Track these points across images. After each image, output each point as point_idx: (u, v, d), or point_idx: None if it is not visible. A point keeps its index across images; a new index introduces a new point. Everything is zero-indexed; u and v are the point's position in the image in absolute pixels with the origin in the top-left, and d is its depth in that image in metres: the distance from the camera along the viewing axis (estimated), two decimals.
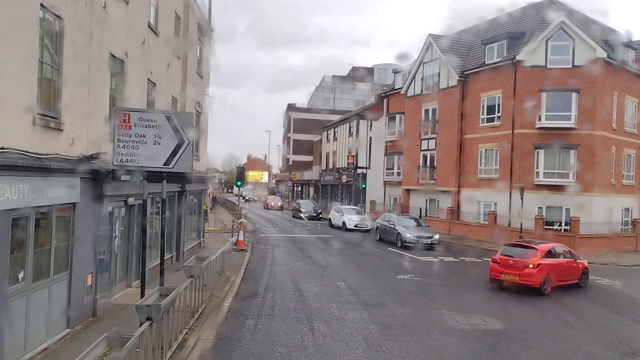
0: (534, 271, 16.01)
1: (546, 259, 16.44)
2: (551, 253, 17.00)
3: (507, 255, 16.96)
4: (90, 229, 11.09)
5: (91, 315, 11.37)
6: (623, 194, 30.36)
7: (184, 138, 9.83)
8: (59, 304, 10.00)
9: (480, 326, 12.29)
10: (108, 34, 11.65)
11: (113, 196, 11.81)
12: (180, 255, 19.32)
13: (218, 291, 14.52)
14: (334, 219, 36.44)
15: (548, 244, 17.64)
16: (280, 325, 11.84)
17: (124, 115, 9.48)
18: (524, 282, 16.20)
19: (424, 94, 37.04)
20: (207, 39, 23.39)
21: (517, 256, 16.63)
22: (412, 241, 25.78)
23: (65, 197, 9.80)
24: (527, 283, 16.18)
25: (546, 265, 16.29)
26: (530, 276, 16.03)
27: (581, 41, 28.09)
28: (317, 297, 14.73)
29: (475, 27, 38.63)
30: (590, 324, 13.23)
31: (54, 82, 9.50)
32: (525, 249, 16.96)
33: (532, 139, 28.60)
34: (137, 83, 13.93)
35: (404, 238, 26.14)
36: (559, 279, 16.80)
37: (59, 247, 10.00)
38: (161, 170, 9.76)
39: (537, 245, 17.08)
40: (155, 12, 15.52)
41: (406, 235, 26.14)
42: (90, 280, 11.17)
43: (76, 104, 10.24)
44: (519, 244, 18.09)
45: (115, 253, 12.93)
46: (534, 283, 16.07)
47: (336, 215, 36.21)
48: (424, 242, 25.93)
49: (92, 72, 10.84)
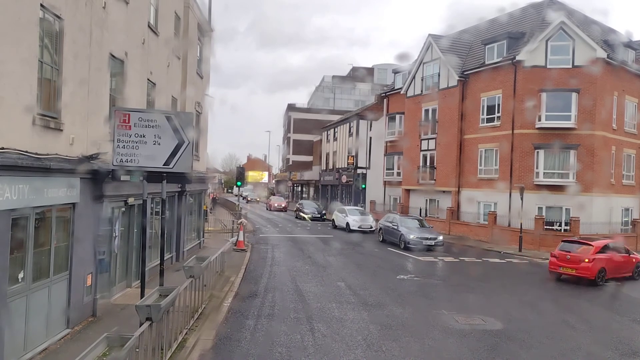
0: (590, 265, 17.80)
1: (601, 254, 18.19)
2: (606, 248, 18.64)
3: (565, 250, 18.77)
4: (90, 229, 11.09)
5: (91, 315, 11.37)
6: (623, 194, 30.37)
7: (184, 138, 9.83)
8: (58, 304, 10.00)
9: (480, 326, 12.29)
10: (108, 34, 11.65)
11: (113, 196, 11.81)
12: (180, 255, 19.33)
13: (218, 291, 14.53)
14: (337, 220, 35.91)
15: (603, 241, 19.59)
16: (280, 325, 11.84)
17: (123, 115, 9.48)
18: (580, 275, 17.99)
19: (424, 94, 37.05)
20: (207, 39, 23.39)
21: (574, 251, 18.42)
22: (415, 243, 25.39)
23: (65, 197, 9.79)
24: (583, 275, 17.96)
25: (601, 259, 18.09)
26: (586, 269, 17.84)
27: (581, 41, 28.10)
28: (317, 297, 14.73)
29: (475, 27, 38.66)
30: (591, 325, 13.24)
31: (54, 82, 9.50)
32: (581, 245, 18.72)
33: (532, 139, 28.61)
34: (137, 83, 13.93)
35: (407, 239, 25.76)
36: (614, 272, 18.50)
37: (59, 247, 10.00)
38: (161, 170, 9.76)
39: (593, 242, 18.91)
40: (155, 12, 15.52)
41: (409, 237, 25.76)
42: (90, 281, 11.17)
43: (76, 104, 10.24)
44: (576, 241, 19.60)
45: (115, 253, 12.92)
46: (589, 275, 17.83)
47: (339, 216, 35.66)
48: (428, 243, 25.51)
49: (92, 72, 10.84)
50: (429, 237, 25.83)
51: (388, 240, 27.88)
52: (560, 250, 18.86)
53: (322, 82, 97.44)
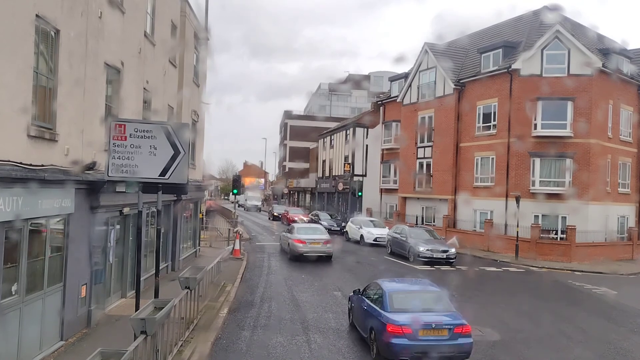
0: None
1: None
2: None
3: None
4: (84, 239, 11.01)
5: (85, 326, 11.27)
6: (619, 202, 30.43)
7: (180, 149, 9.78)
8: (52, 316, 9.91)
9: (476, 337, 12.19)
10: (104, 43, 11.63)
11: (108, 206, 11.74)
12: (176, 264, 19.22)
13: (213, 301, 14.44)
14: (350, 232, 32.80)
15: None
16: (276, 336, 11.77)
17: (119, 126, 9.43)
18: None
19: (420, 102, 37.14)
20: (203, 47, 23.39)
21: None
22: (426, 256, 23.12)
23: (59, 208, 9.72)
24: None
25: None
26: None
27: (576, 50, 28.24)
28: (313, 307, 14.66)
29: (470, 35, 38.80)
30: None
31: (49, 93, 9.45)
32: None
33: (528, 147, 28.66)
34: (133, 92, 13.89)
35: (417, 252, 23.55)
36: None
37: (53, 258, 9.92)
38: (157, 181, 9.70)
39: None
40: (152, 21, 15.51)
41: (419, 249, 23.52)
42: (84, 292, 11.08)
43: (71, 115, 10.19)
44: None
45: (110, 263, 12.85)
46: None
47: (353, 228, 32.66)
48: (439, 256, 23.19)
49: (88, 82, 10.80)
50: (441, 250, 23.51)
51: (397, 252, 25.91)
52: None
53: (319, 89, 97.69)
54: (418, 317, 9.80)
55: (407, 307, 10.27)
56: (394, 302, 10.40)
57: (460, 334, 9.75)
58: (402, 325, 9.65)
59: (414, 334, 9.56)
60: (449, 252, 23.48)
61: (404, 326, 9.62)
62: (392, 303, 10.34)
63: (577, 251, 26.31)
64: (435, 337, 9.68)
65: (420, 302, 10.63)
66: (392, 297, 10.54)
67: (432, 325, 9.74)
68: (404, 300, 10.60)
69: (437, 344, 9.62)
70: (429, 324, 9.72)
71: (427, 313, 10.07)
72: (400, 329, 9.62)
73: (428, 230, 27.12)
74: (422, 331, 9.64)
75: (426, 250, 23.39)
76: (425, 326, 9.67)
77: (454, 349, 9.70)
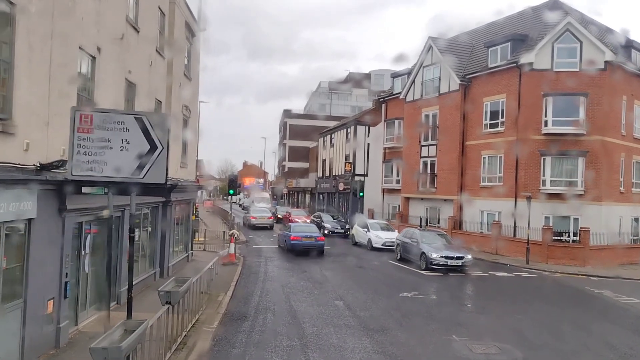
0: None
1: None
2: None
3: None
4: (51, 248, 9.65)
5: (53, 347, 9.89)
6: (633, 203, 29.02)
7: (158, 143, 8.42)
8: (9, 338, 8.54)
9: (496, 357, 10.86)
10: (76, 25, 10.28)
11: (79, 210, 10.37)
12: (165, 271, 17.86)
13: (202, 314, 13.08)
14: (357, 236, 31.03)
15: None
16: (270, 355, 10.42)
17: (84, 117, 8.06)
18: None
19: (424, 99, 35.76)
20: (196, 39, 22.02)
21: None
22: (440, 263, 21.50)
23: (17, 213, 8.35)
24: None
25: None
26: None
27: (589, 43, 26.90)
28: (312, 319, 13.30)
29: (477, 29, 37.48)
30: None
31: (3, 79, 8.10)
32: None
33: (538, 146, 27.31)
34: (112, 82, 12.53)
35: (430, 259, 21.71)
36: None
37: (10, 270, 8.56)
38: (129, 180, 8.33)
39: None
40: (135, 6, 14.15)
41: (432, 255, 21.73)
42: (51, 307, 9.71)
43: (33, 105, 8.84)
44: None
45: (86, 273, 11.50)
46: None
47: (360, 231, 30.77)
48: (454, 263, 21.53)
49: (54, 67, 9.43)
50: (456, 256, 21.76)
51: (407, 258, 23.96)
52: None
53: (319, 87, 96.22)
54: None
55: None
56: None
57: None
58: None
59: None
60: (465, 259, 21.84)
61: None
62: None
63: (591, 255, 24.95)
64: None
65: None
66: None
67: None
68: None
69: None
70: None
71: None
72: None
73: (440, 234, 25.21)
74: None
75: (440, 257, 21.68)
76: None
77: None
